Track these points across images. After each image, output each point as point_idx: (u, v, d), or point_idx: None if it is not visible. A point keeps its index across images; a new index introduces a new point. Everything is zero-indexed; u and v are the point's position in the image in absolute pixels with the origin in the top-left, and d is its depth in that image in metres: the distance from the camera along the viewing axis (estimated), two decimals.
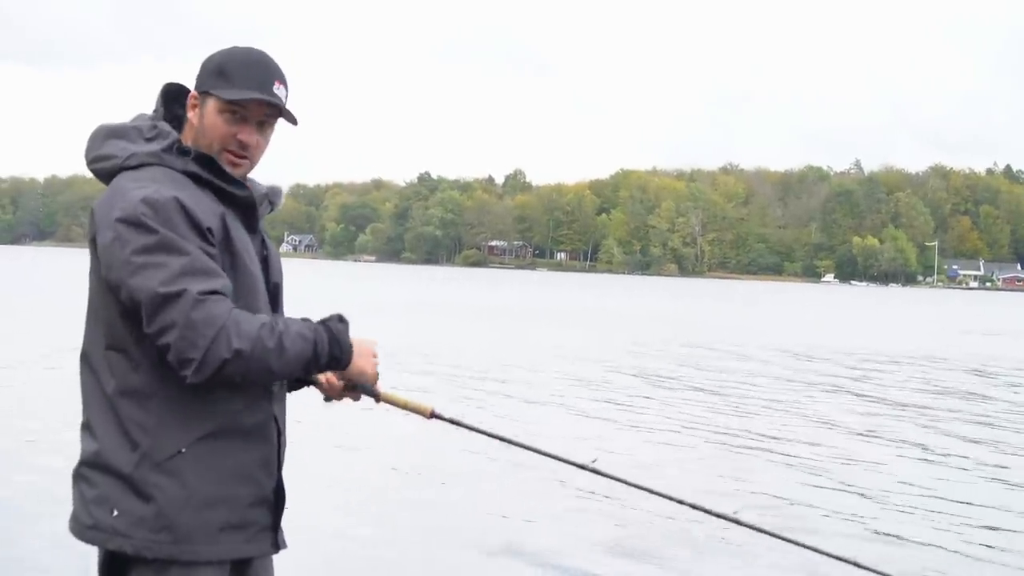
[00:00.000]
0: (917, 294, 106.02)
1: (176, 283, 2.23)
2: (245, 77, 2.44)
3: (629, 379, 16.38)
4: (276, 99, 2.47)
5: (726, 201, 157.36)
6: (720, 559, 6.37)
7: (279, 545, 2.52)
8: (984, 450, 10.96)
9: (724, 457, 9.88)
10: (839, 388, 16.33)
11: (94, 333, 2.42)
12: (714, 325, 33.43)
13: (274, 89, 2.47)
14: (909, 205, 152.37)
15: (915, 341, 28.75)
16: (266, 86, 2.46)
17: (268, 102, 2.46)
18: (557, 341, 23.25)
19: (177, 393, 2.30)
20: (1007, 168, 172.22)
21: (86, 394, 2.43)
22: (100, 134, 2.51)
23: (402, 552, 6.33)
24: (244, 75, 2.44)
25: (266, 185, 2.61)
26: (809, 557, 4.17)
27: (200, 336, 2.21)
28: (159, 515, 2.30)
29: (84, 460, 2.40)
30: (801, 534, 5.86)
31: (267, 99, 2.45)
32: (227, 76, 2.44)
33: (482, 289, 61.55)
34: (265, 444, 2.45)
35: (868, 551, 6.41)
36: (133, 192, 2.33)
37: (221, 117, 2.45)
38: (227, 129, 2.45)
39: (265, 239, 2.58)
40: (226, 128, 2.45)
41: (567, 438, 10.16)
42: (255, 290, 2.45)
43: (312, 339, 2.33)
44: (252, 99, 2.44)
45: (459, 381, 14.95)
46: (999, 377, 19.43)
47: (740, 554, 6.39)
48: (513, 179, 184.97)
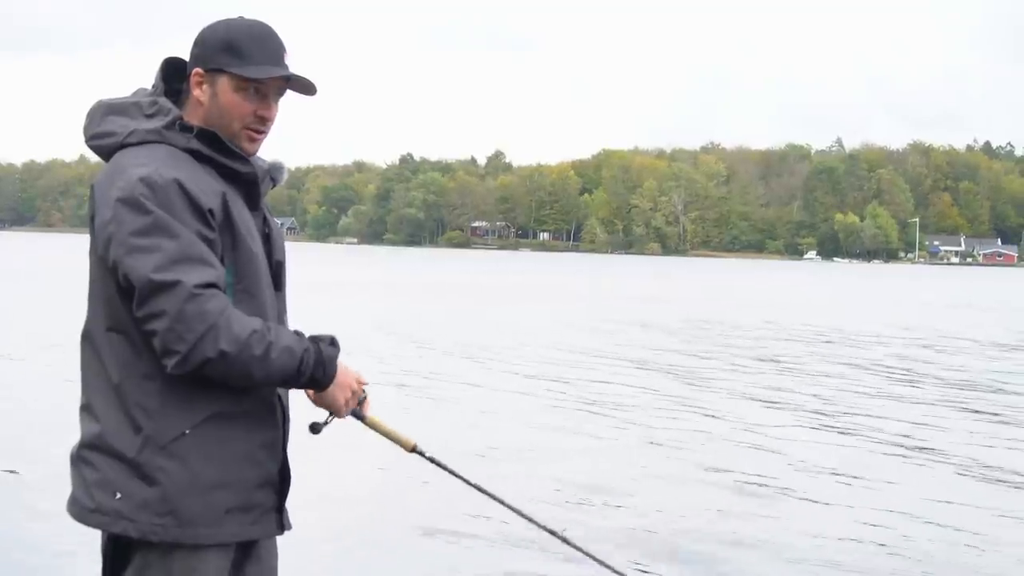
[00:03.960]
0: (897, 270, 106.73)
1: (170, 271, 2.20)
2: (260, 53, 2.40)
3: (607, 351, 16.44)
4: (297, 75, 2.44)
5: (708, 180, 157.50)
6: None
7: (284, 526, 2.50)
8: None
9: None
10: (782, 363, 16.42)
11: (95, 313, 2.38)
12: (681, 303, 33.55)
13: (286, 61, 2.43)
14: (890, 182, 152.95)
15: (860, 315, 29.00)
16: (281, 60, 2.42)
17: (287, 76, 2.43)
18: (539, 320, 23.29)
19: (179, 375, 2.27)
20: (986, 144, 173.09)
21: (87, 375, 2.39)
22: (99, 110, 2.45)
23: (405, 527, 6.34)
24: (259, 51, 2.40)
25: (268, 161, 2.56)
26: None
27: (189, 331, 2.19)
28: (164, 498, 2.27)
29: (85, 442, 2.36)
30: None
31: (288, 75, 2.43)
32: (240, 52, 2.39)
33: (469, 270, 61.57)
34: (270, 425, 2.43)
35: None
36: (133, 170, 2.29)
37: (239, 95, 2.40)
38: (247, 107, 2.41)
39: (267, 216, 2.53)
40: (246, 105, 2.41)
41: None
42: (256, 270, 2.41)
43: (299, 356, 2.31)
44: (273, 76, 2.40)
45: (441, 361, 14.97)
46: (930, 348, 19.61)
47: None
48: (495, 160, 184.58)
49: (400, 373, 13.28)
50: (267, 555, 2.51)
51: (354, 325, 19.02)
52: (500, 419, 10.46)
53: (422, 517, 6.57)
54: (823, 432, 10.29)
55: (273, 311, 2.46)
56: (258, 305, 2.39)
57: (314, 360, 2.34)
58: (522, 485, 7.25)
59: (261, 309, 2.40)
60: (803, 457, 8.92)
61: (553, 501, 7.05)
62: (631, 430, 9.98)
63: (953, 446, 9.65)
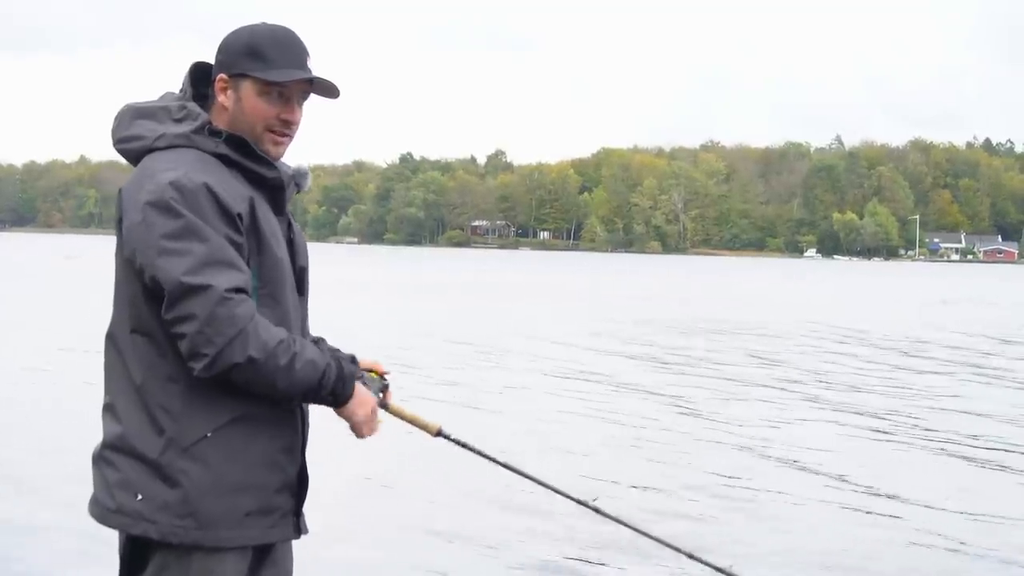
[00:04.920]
0: (897, 267, 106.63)
1: (201, 274, 2.22)
2: (283, 57, 2.41)
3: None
4: (321, 78, 2.45)
5: (708, 178, 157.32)
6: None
7: (301, 530, 2.51)
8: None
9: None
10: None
11: (120, 315, 2.40)
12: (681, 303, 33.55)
13: (309, 65, 2.45)
14: (890, 179, 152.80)
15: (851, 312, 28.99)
16: (304, 64, 2.44)
17: (311, 80, 2.45)
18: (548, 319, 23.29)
19: (203, 378, 2.28)
20: (986, 141, 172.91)
21: (110, 376, 2.41)
22: (127, 114, 2.47)
23: (419, 528, 6.35)
24: (281, 55, 2.41)
25: (292, 166, 2.57)
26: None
27: (218, 334, 2.21)
28: (185, 500, 2.29)
29: (107, 443, 2.37)
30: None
31: (313, 78, 2.44)
32: (263, 57, 2.41)
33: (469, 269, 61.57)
34: (290, 429, 2.45)
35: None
36: (162, 175, 2.30)
37: (262, 99, 2.42)
38: (271, 110, 2.43)
39: (291, 221, 2.55)
40: (270, 109, 2.43)
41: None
42: (281, 275, 2.43)
43: (322, 370, 2.34)
44: (296, 80, 2.42)
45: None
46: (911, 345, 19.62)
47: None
48: (495, 159, 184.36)
49: (405, 368, 13.28)
50: (283, 559, 2.52)
51: (359, 323, 19.03)
52: (495, 416, 10.47)
53: (434, 513, 6.59)
54: (822, 425, 10.31)
55: (296, 316, 2.47)
56: (282, 310, 2.41)
57: (335, 375, 2.36)
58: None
59: (284, 314, 2.41)
60: (797, 451, 8.94)
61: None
62: (632, 428, 9.99)
63: (958, 443, 9.67)
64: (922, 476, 8.36)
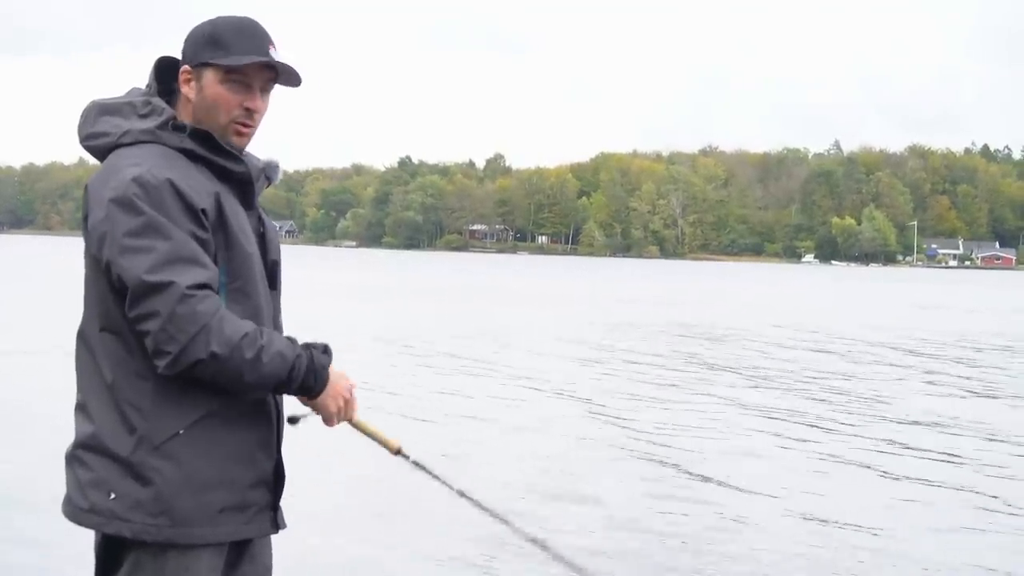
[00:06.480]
0: (895, 273, 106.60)
1: (162, 271, 2.20)
2: (242, 44, 2.39)
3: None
4: (278, 61, 2.42)
5: (706, 183, 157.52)
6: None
7: (279, 525, 2.49)
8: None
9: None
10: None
11: (89, 313, 2.39)
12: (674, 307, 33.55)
13: (271, 52, 2.42)
14: (889, 185, 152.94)
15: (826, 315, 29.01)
16: (264, 50, 2.41)
17: (269, 64, 2.42)
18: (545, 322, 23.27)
19: (173, 375, 2.27)
20: (984, 147, 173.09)
21: (81, 375, 2.39)
22: (92, 111, 2.46)
23: (402, 524, 6.34)
24: (241, 42, 2.39)
25: (262, 159, 2.55)
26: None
27: (181, 332, 2.19)
28: (157, 498, 2.27)
29: (79, 442, 2.36)
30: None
31: (269, 61, 2.41)
32: (223, 44, 2.38)
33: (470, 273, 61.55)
34: (264, 425, 2.43)
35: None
36: (126, 171, 2.29)
37: (224, 87, 2.39)
38: (232, 98, 2.40)
39: (262, 215, 2.53)
40: (231, 97, 2.40)
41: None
42: (250, 270, 2.40)
43: (291, 362, 2.31)
44: (254, 63, 2.39)
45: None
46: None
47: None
48: (494, 163, 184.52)
49: (386, 377, 13.25)
50: (261, 554, 2.51)
51: (347, 329, 19.00)
52: (489, 423, 10.46)
53: (413, 513, 6.58)
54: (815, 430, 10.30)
55: (268, 310, 2.45)
56: (253, 305, 2.39)
57: (306, 367, 2.34)
58: (500, 487, 7.24)
59: (256, 309, 2.39)
60: (779, 456, 8.93)
61: (529, 497, 7.05)
62: (629, 437, 9.98)
63: (946, 448, 9.67)
64: (849, 489, 8.15)
